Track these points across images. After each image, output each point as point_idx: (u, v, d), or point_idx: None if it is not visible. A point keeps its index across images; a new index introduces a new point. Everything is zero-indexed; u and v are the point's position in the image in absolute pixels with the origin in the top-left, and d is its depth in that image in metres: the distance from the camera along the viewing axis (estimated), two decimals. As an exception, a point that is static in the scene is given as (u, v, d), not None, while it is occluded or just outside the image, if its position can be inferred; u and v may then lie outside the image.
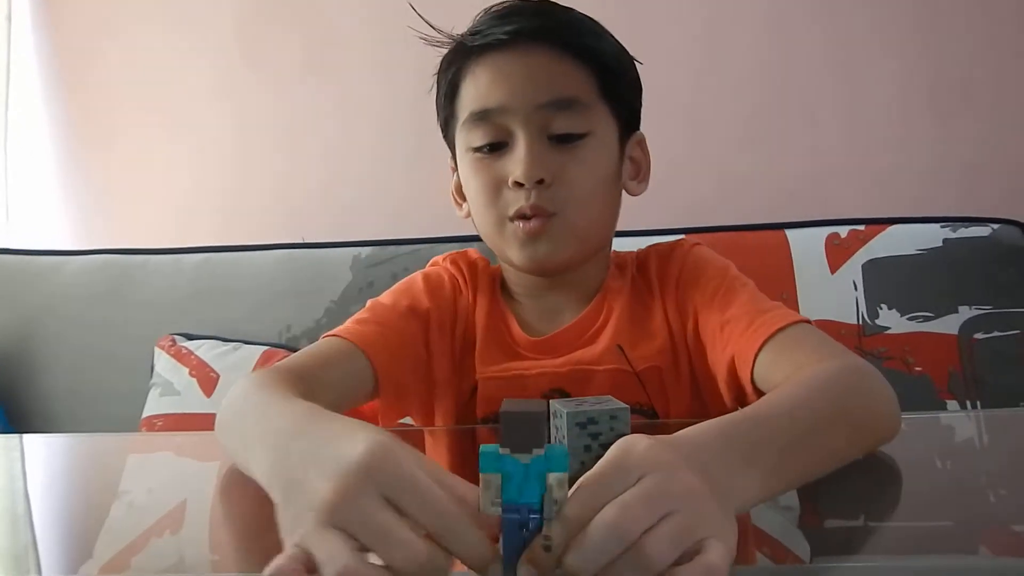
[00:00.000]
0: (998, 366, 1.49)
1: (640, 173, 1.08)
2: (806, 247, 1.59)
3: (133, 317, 1.77)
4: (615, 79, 1.02)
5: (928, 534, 0.64)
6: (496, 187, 0.99)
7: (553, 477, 0.48)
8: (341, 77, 2.07)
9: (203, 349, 1.67)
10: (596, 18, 1.06)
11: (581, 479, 0.51)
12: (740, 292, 0.98)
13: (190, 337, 1.71)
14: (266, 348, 1.65)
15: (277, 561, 0.48)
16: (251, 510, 0.71)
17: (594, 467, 0.52)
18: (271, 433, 0.65)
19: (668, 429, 0.61)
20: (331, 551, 0.47)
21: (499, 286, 1.11)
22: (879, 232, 1.58)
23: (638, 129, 1.08)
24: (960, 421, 1.19)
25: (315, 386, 0.85)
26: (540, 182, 0.96)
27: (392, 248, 1.72)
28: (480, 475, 0.49)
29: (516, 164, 0.96)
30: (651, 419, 1.01)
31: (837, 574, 0.60)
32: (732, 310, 0.95)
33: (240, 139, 2.12)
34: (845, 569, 0.61)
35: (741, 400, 0.93)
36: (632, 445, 0.53)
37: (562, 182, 0.97)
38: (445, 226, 1.65)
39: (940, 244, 1.56)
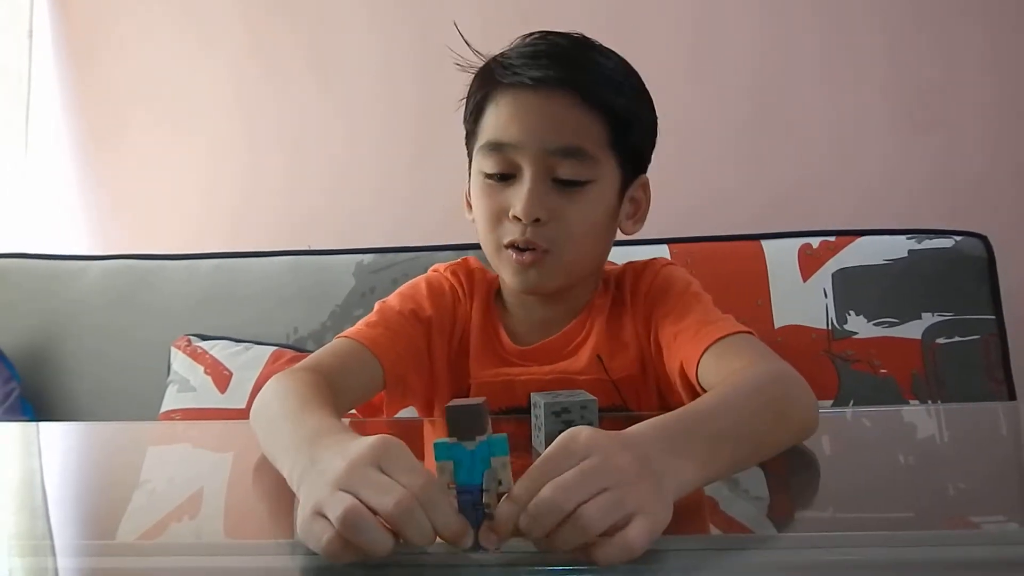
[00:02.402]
0: (958, 369, 1.53)
1: (638, 213, 1.15)
2: (780, 257, 1.63)
3: (151, 319, 1.81)
4: (626, 131, 1.07)
5: (891, 524, 0.70)
6: (498, 215, 1.06)
7: (496, 460, 0.58)
8: (347, 92, 2.12)
9: (217, 349, 1.71)
10: (586, 31, 1.11)
11: (535, 463, 0.60)
12: (695, 306, 1.07)
13: (204, 338, 1.74)
14: (275, 348, 1.70)
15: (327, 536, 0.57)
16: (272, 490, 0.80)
17: (545, 451, 0.61)
18: (297, 441, 0.73)
19: (634, 420, 0.68)
20: (339, 501, 0.57)
21: (494, 294, 1.19)
22: (848, 243, 1.62)
23: (644, 172, 1.14)
24: (921, 418, 1.25)
25: (337, 384, 0.95)
26: (537, 220, 1.03)
27: (392, 255, 1.76)
28: (436, 463, 0.59)
29: (518, 200, 1.03)
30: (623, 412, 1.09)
31: (783, 543, 0.67)
32: (684, 322, 1.04)
33: (249, 150, 2.17)
34: (791, 539, 0.68)
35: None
36: (577, 433, 0.61)
37: (558, 221, 1.04)
38: (443, 234, 1.74)
39: (905, 255, 1.59)
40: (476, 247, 1.68)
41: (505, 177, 1.06)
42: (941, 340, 1.55)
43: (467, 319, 1.16)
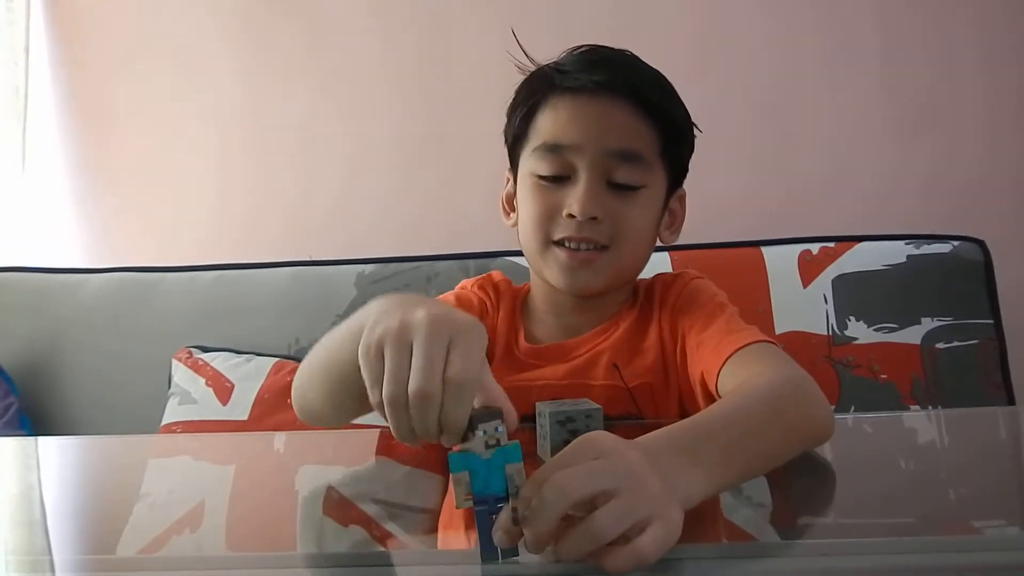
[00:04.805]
0: (957, 374, 1.54)
1: (675, 224, 1.18)
2: (780, 263, 1.64)
3: (151, 331, 1.80)
4: (677, 141, 1.11)
5: (892, 529, 0.70)
6: (550, 214, 1.08)
7: (511, 467, 0.58)
8: (350, 102, 2.13)
9: (218, 360, 1.71)
10: (586, 40, 1.14)
11: (547, 462, 0.60)
12: (719, 316, 1.07)
13: (205, 349, 1.75)
14: (277, 360, 1.70)
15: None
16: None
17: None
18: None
19: (647, 428, 0.69)
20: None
21: (519, 305, 1.20)
22: (848, 249, 1.63)
23: (682, 185, 1.17)
24: (922, 423, 1.25)
25: None
26: (593, 219, 1.05)
27: (394, 265, 1.76)
28: (451, 475, 0.59)
29: (574, 199, 1.05)
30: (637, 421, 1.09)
31: (787, 551, 0.67)
32: (708, 332, 1.05)
33: (250, 162, 2.18)
34: (795, 547, 0.68)
35: None
36: (592, 435, 0.62)
37: (613, 222, 1.07)
38: (444, 245, 1.76)
39: (904, 260, 1.61)
40: (477, 256, 1.71)
41: (559, 179, 1.08)
42: (940, 345, 1.56)
43: (493, 331, 1.17)
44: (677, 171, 1.15)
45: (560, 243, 1.08)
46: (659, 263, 1.40)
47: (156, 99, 2.21)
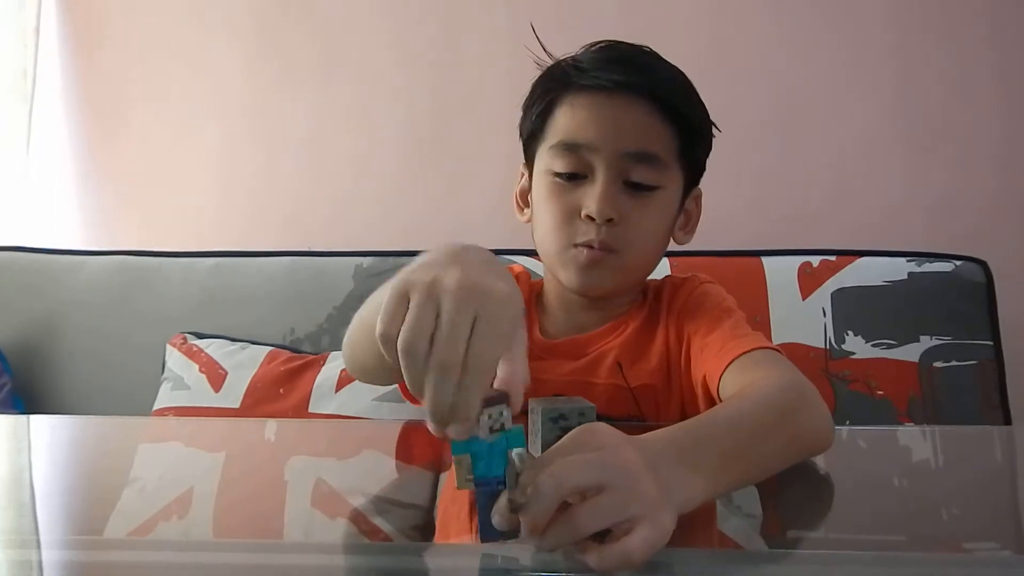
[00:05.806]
0: (955, 393, 1.53)
1: (689, 225, 1.19)
2: (780, 274, 1.63)
3: (147, 316, 1.80)
4: (694, 142, 1.11)
5: (882, 545, 0.69)
6: (569, 215, 1.08)
7: (514, 452, 0.59)
8: (355, 106, 2.13)
9: (212, 348, 1.70)
10: (593, 40, 1.14)
11: (546, 451, 0.60)
12: (725, 321, 1.07)
13: (200, 336, 1.74)
14: (271, 349, 1.70)
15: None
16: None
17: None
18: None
19: (646, 430, 0.68)
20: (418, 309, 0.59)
21: (535, 299, 1.21)
22: (849, 263, 1.63)
23: (698, 184, 1.17)
24: (916, 440, 1.24)
25: None
26: (609, 220, 1.05)
27: (392, 259, 1.75)
28: (453, 457, 0.59)
29: (591, 200, 1.05)
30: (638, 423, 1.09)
31: (777, 560, 0.67)
32: (713, 335, 1.05)
33: (256, 149, 2.17)
34: (786, 557, 0.68)
35: None
36: (593, 426, 0.62)
37: (627, 224, 1.07)
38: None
39: (905, 277, 1.60)
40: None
41: (574, 177, 1.08)
42: (938, 364, 1.55)
43: None
44: (694, 172, 1.15)
45: (579, 246, 1.08)
46: (659, 268, 1.40)
47: (163, 88, 2.21)
